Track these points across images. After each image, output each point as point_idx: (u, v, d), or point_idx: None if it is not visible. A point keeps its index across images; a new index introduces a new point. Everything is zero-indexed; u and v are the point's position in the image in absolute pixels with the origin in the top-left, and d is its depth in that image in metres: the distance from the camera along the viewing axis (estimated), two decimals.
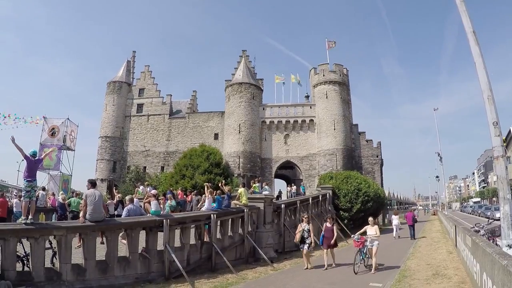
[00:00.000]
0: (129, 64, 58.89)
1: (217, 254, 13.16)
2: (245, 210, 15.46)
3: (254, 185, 21.49)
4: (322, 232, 14.48)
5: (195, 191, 24.98)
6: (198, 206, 18.93)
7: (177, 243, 12.48)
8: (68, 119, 38.49)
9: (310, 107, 49.68)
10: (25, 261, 10.04)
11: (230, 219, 14.99)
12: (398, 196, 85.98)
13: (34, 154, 9.92)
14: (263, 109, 50.39)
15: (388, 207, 54.39)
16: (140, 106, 55.59)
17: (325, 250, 14.14)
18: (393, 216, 28.34)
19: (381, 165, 47.93)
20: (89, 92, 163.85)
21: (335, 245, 14.53)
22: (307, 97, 54.65)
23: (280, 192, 39.21)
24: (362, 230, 13.83)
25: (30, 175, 9.61)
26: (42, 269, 9.31)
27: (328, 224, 14.45)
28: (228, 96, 50.91)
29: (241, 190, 16.39)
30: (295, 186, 35.11)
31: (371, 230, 13.60)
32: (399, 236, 25.43)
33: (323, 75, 49.13)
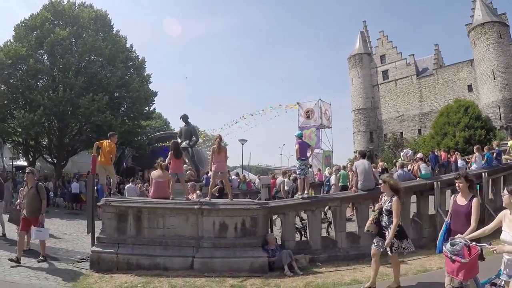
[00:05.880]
0: (363, 34, 58.66)
1: (490, 216, 11.78)
2: None
3: None
4: (447, 219, 5.94)
5: (456, 152, 23.33)
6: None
7: (448, 206, 11.73)
8: (320, 100, 40.59)
9: None
10: (302, 232, 10.99)
11: (502, 177, 13.24)
12: None
13: (300, 136, 10.90)
14: None
15: None
16: (385, 73, 54.75)
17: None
18: None
19: None
20: (332, 70, 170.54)
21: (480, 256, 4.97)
22: None
23: None
24: (488, 228, 4.90)
25: (303, 154, 10.42)
26: (319, 238, 9.88)
27: (461, 200, 5.72)
28: (472, 41, 45.05)
29: (511, 143, 14.45)
30: None
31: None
32: None
33: None
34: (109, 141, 10.24)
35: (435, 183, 11.04)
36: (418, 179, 12.35)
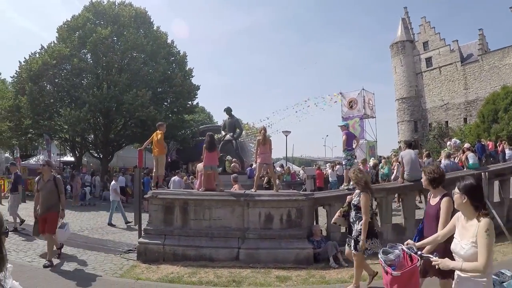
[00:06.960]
0: (405, 21, 57.08)
1: None
2: None
3: None
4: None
5: (504, 141, 22.45)
6: None
7: (496, 198, 11.27)
8: (363, 89, 39.73)
9: None
10: None
11: None
12: None
13: (347, 126, 11.01)
14: None
15: None
16: (428, 60, 53.11)
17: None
18: None
19: None
20: (374, 59, 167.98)
21: (442, 273, 3.96)
22: None
23: None
24: (441, 234, 3.84)
25: (349, 145, 10.41)
26: None
27: (433, 200, 4.83)
28: None
29: None
30: None
31: (465, 233, 3.22)
32: None
33: None
34: (157, 131, 10.46)
35: (482, 173, 10.60)
36: (465, 169, 11.96)
